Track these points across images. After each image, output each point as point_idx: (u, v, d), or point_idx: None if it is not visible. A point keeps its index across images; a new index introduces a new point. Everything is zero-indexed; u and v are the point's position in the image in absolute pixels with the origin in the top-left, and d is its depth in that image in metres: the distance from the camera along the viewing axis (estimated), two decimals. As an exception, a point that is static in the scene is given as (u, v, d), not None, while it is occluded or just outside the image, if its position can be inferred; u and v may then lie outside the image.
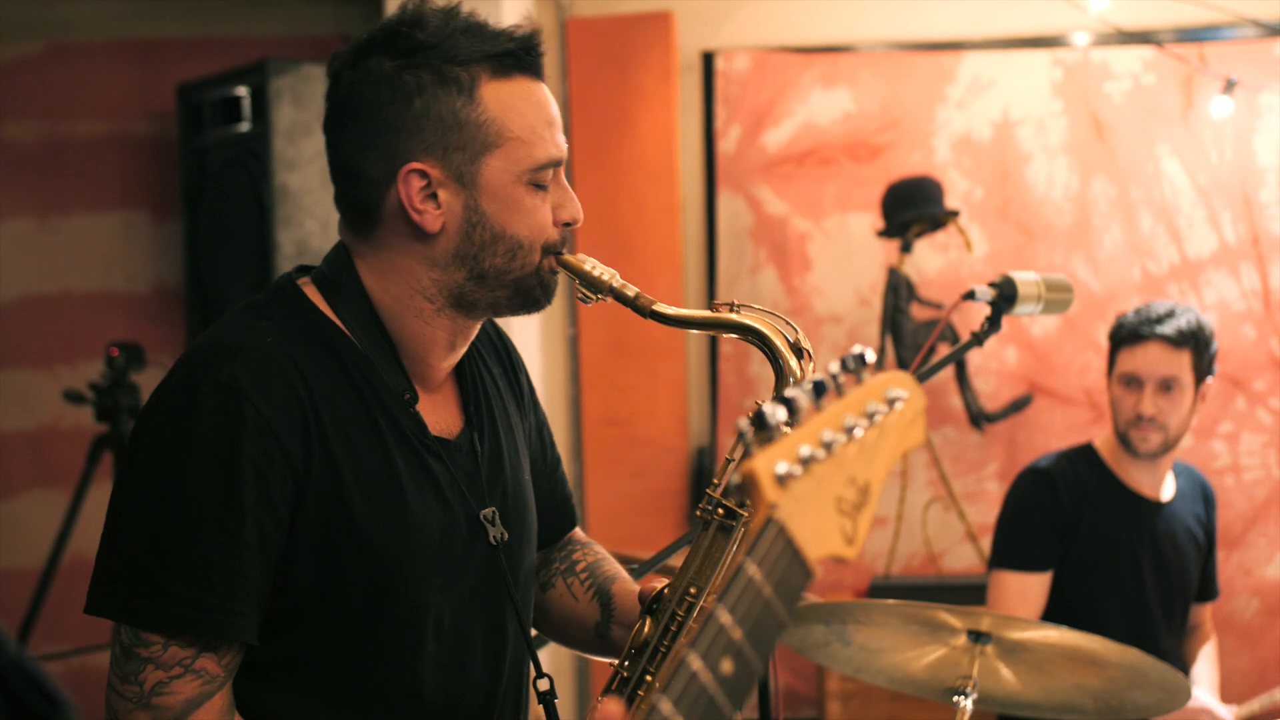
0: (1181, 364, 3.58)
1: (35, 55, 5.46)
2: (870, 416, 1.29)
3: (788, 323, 2.01)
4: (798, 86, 5.21)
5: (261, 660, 1.88)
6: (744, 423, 1.21)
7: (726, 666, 1.12)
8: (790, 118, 5.21)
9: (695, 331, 2.05)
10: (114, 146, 5.45)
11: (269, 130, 4.70)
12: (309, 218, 4.69)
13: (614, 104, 5.14)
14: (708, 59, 5.24)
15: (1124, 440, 3.64)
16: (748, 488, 1.19)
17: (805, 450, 1.21)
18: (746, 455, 1.20)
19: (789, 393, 1.24)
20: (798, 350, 1.99)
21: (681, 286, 5.19)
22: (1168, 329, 3.57)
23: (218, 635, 1.81)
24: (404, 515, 1.91)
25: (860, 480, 1.28)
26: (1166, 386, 3.58)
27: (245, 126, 4.84)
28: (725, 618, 1.13)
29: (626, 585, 2.23)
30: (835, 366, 1.29)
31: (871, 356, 1.31)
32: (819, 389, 1.26)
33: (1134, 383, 3.60)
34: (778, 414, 1.21)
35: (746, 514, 1.96)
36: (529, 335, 4.75)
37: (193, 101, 5.07)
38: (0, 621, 0.83)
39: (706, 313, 1.99)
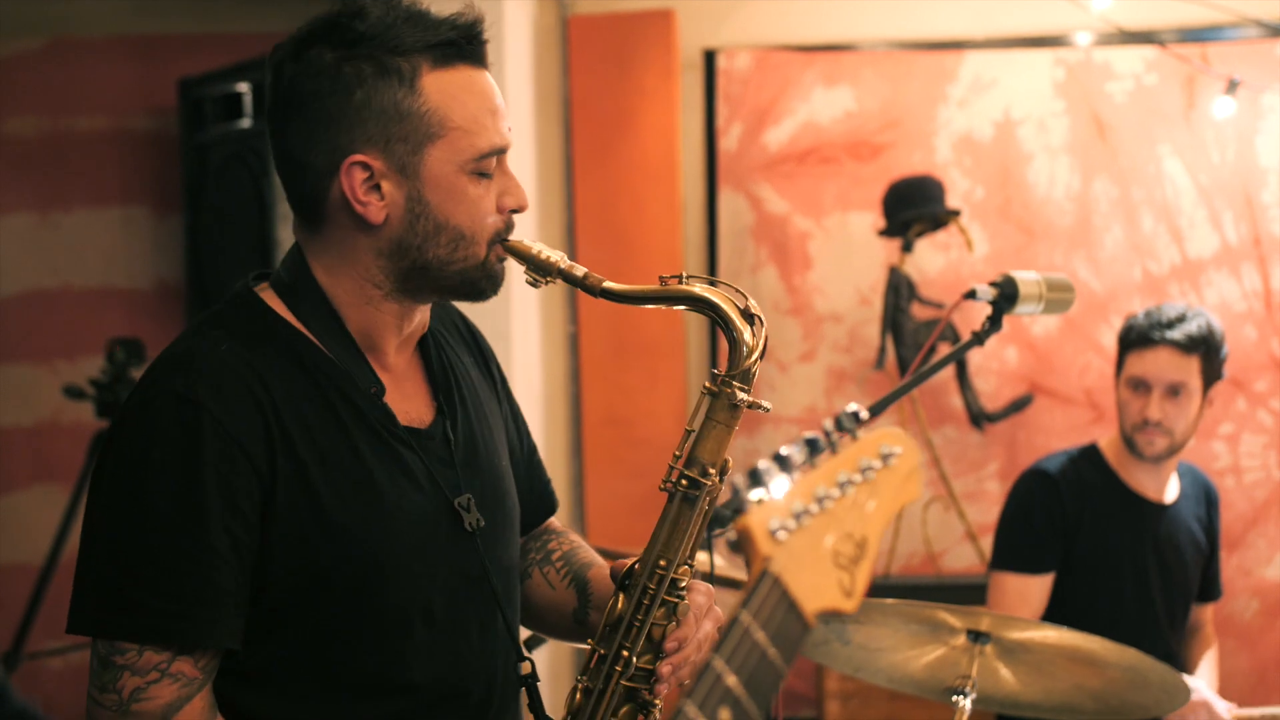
0: (1190, 369, 3.56)
1: (37, 50, 5.46)
2: (864, 472, 1.33)
3: (738, 290, 2.01)
4: (799, 85, 5.20)
5: (249, 663, 1.88)
6: (739, 479, 1.23)
7: (724, 715, 1.15)
8: (791, 116, 5.21)
9: (652, 307, 2.05)
10: (115, 142, 5.45)
11: (270, 126, 4.70)
12: (310, 214, 4.69)
13: (615, 102, 5.13)
14: (709, 57, 5.24)
15: (1129, 443, 3.63)
16: (742, 543, 1.22)
17: (798, 505, 1.25)
18: (741, 512, 1.23)
19: (784, 450, 1.27)
20: (749, 317, 2.00)
21: (682, 285, 5.18)
22: (1178, 334, 3.54)
23: (191, 642, 1.82)
24: (378, 507, 1.91)
25: (857, 535, 1.31)
26: (1174, 391, 3.56)
27: (246, 122, 4.84)
28: (721, 667, 1.17)
29: (602, 570, 2.23)
30: (829, 424, 1.32)
31: (865, 415, 1.34)
32: (812, 446, 1.29)
33: (1142, 387, 3.59)
34: (770, 470, 1.24)
35: (709, 483, 1.98)
36: (529, 333, 4.75)
37: (194, 97, 5.06)
38: (2, 673, 0.83)
39: (656, 287, 1.99)
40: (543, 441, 4.85)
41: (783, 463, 1.25)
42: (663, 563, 1.99)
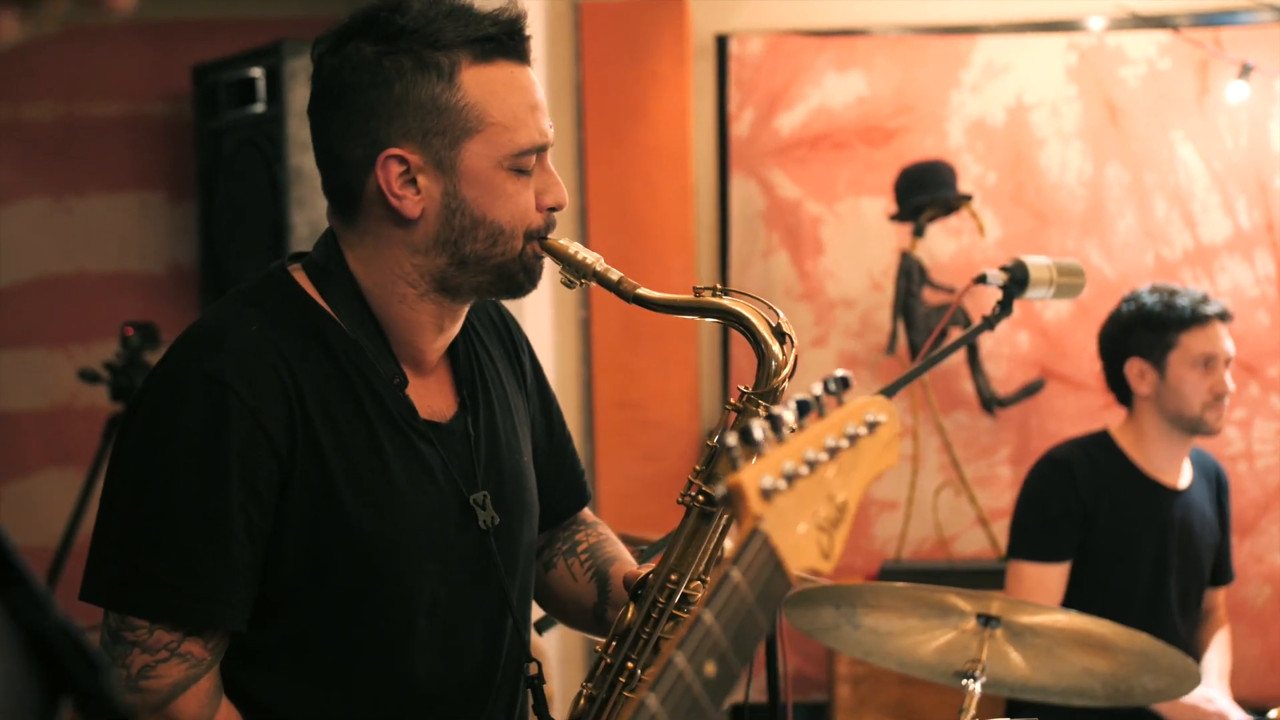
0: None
1: (52, 36, 5.47)
2: (850, 438, 1.34)
3: (770, 307, 2.01)
4: (811, 70, 5.20)
5: (251, 645, 1.90)
6: (731, 437, 1.24)
7: (710, 669, 1.17)
8: (804, 101, 5.21)
9: (682, 316, 2.06)
10: (129, 127, 5.46)
11: (284, 112, 4.71)
12: (323, 199, 4.68)
13: (627, 88, 5.14)
14: (721, 42, 5.24)
15: (1195, 424, 3.64)
16: (733, 500, 1.23)
17: (789, 466, 1.26)
18: (732, 469, 1.24)
19: (775, 410, 1.27)
20: (780, 335, 1.99)
21: (694, 271, 5.19)
22: (1217, 308, 3.67)
23: (203, 622, 1.83)
24: (392, 499, 1.92)
25: (838, 499, 1.33)
26: (1228, 363, 3.64)
27: (260, 108, 4.85)
28: (711, 621, 1.18)
29: (624, 567, 2.23)
30: (818, 388, 1.33)
31: (852, 380, 1.35)
32: (803, 408, 1.30)
33: (1212, 363, 3.62)
34: (762, 430, 1.24)
35: None
36: (541, 317, 4.76)
37: (208, 83, 5.08)
38: (45, 587, 0.84)
39: (690, 298, 1.99)
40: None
41: (774, 423, 1.26)
42: (674, 577, 1.98)
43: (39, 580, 0.83)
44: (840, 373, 1.34)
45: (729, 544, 1.96)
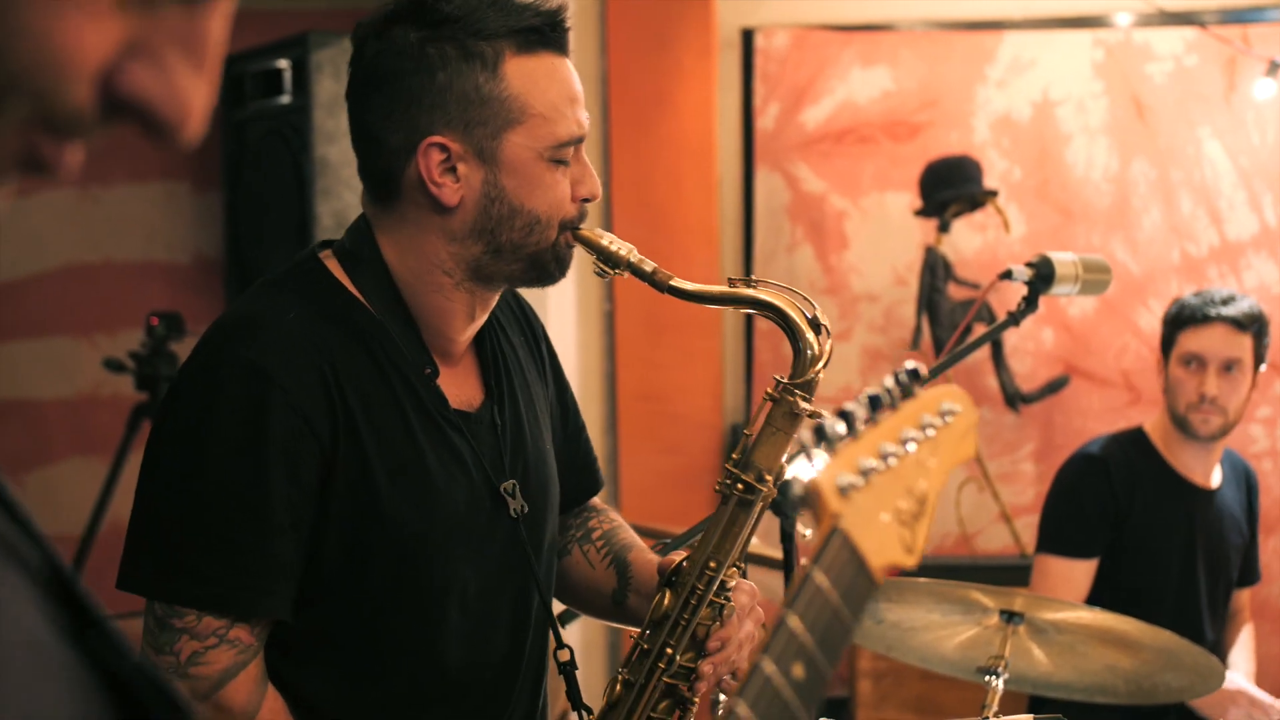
0: (1244, 346, 3.59)
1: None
2: (924, 429, 1.31)
3: (805, 298, 2.02)
4: (837, 64, 5.20)
5: (285, 633, 1.90)
6: (806, 436, 1.23)
7: (798, 671, 1.15)
8: (829, 96, 5.20)
9: (716, 307, 2.06)
10: (155, 117, 5.48)
11: (309, 103, 4.72)
12: (348, 190, 4.70)
13: (653, 80, 5.13)
14: (747, 36, 5.24)
15: (1183, 423, 3.63)
16: (811, 499, 1.21)
17: (865, 462, 1.24)
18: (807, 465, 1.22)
19: (847, 406, 1.25)
20: (815, 326, 2.00)
21: (718, 264, 5.19)
22: (1233, 311, 3.58)
23: (250, 610, 1.84)
24: (428, 490, 1.92)
25: (918, 491, 1.30)
26: (1228, 368, 3.58)
27: (286, 99, 4.86)
28: (796, 624, 1.16)
29: (643, 554, 2.24)
30: (890, 381, 1.30)
31: (924, 371, 1.33)
32: (874, 402, 1.28)
33: (1197, 363, 3.59)
34: (837, 426, 1.23)
35: (765, 490, 1.98)
36: (565, 310, 4.76)
37: (234, 74, 5.08)
38: (120, 629, 0.84)
39: (724, 289, 2.00)
40: (578, 418, 4.87)
41: (847, 419, 1.24)
42: (713, 564, 1.99)
43: (114, 623, 0.84)
44: (910, 364, 1.32)
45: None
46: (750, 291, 1.99)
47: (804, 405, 1.99)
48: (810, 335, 1.99)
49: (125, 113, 0.74)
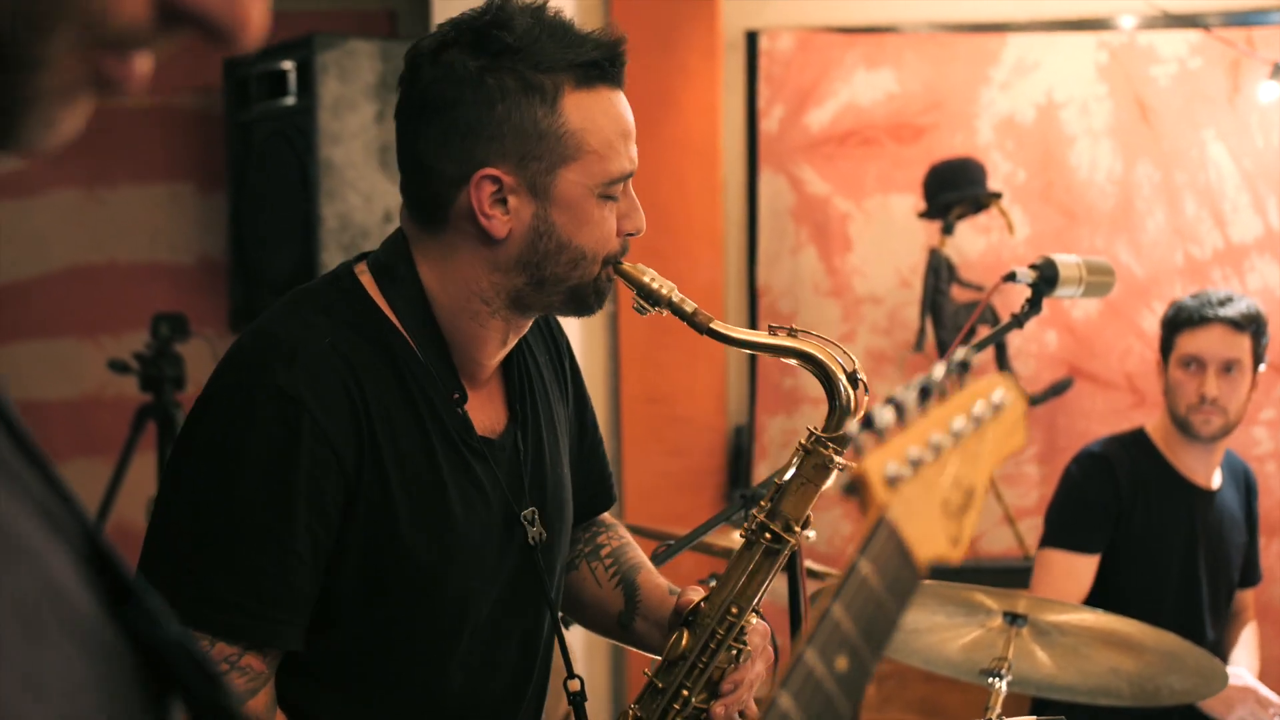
0: (1243, 347, 3.60)
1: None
2: (975, 420, 1.29)
3: (845, 351, 2.00)
4: (841, 66, 5.20)
5: (297, 658, 1.89)
6: (854, 424, 1.22)
7: (841, 663, 1.14)
8: (833, 98, 5.20)
9: (753, 352, 2.06)
10: (161, 119, 5.48)
11: (314, 105, 4.72)
12: (352, 192, 4.71)
13: (657, 82, 5.14)
14: (751, 38, 5.24)
15: (1183, 424, 3.64)
16: (858, 488, 1.19)
17: (914, 452, 1.22)
18: (857, 455, 1.20)
19: (897, 394, 1.23)
20: (853, 380, 1.99)
21: (722, 266, 5.19)
22: (1230, 312, 3.59)
23: (264, 640, 1.82)
24: (447, 521, 1.91)
25: (965, 483, 1.28)
26: (1228, 369, 3.59)
27: (291, 101, 4.86)
28: (840, 615, 1.15)
29: (651, 577, 2.24)
30: (939, 370, 1.27)
31: (973, 362, 1.30)
32: (924, 392, 1.25)
33: (1195, 365, 3.60)
34: (886, 416, 1.21)
35: (793, 540, 1.98)
36: (569, 312, 4.76)
37: (239, 75, 5.09)
38: (160, 601, 0.85)
39: (765, 336, 2.00)
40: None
41: (897, 407, 1.22)
42: (734, 610, 1.99)
43: (154, 596, 0.84)
44: (960, 354, 1.29)
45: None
46: (790, 341, 1.98)
47: (837, 460, 1.98)
48: (846, 389, 1.98)
49: (183, 21, 0.74)
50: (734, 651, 2.01)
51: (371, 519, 1.85)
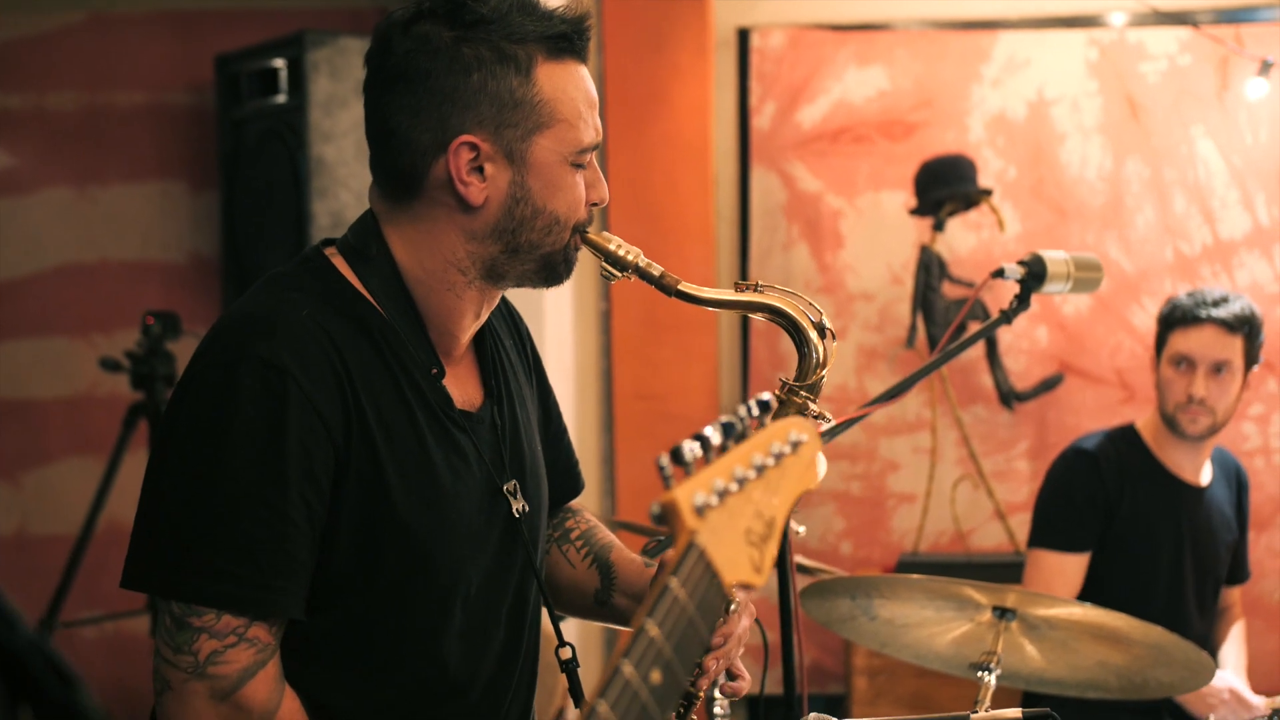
0: (1234, 348, 3.60)
1: (76, 25, 5.50)
2: (776, 457, 1.39)
3: (809, 302, 2.05)
4: (833, 64, 5.21)
5: (294, 632, 1.90)
6: (664, 458, 1.28)
7: (656, 677, 1.20)
8: (825, 95, 5.22)
9: (719, 310, 2.09)
10: (152, 117, 5.48)
11: (306, 102, 4.73)
12: (344, 189, 4.72)
13: (649, 79, 5.15)
14: (743, 35, 5.25)
15: (1171, 422, 3.65)
16: (668, 516, 1.28)
17: (720, 484, 1.31)
18: (666, 487, 1.28)
19: (705, 431, 1.32)
20: (820, 329, 2.04)
21: (714, 262, 5.20)
22: (1223, 313, 3.58)
23: (268, 609, 1.83)
24: (436, 490, 1.93)
25: (766, 515, 1.37)
26: (1218, 370, 3.59)
27: (282, 98, 4.87)
28: (655, 631, 1.22)
29: (624, 554, 2.27)
30: (742, 410, 1.37)
31: (774, 403, 1.41)
32: (728, 429, 1.35)
33: (1186, 364, 3.61)
34: (694, 450, 1.30)
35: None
36: (562, 309, 4.77)
37: (231, 73, 5.10)
38: (14, 604, 0.85)
39: (731, 293, 2.04)
40: (575, 417, 4.88)
41: (703, 443, 1.31)
42: None
43: (6, 598, 0.84)
44: (764, 396, 1.39)
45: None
46: (756, 296, 2.03)
47: (812, 406, 2.01)
48: (815, 338, 2.03)
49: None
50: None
51: (362, 489, 1.87)
